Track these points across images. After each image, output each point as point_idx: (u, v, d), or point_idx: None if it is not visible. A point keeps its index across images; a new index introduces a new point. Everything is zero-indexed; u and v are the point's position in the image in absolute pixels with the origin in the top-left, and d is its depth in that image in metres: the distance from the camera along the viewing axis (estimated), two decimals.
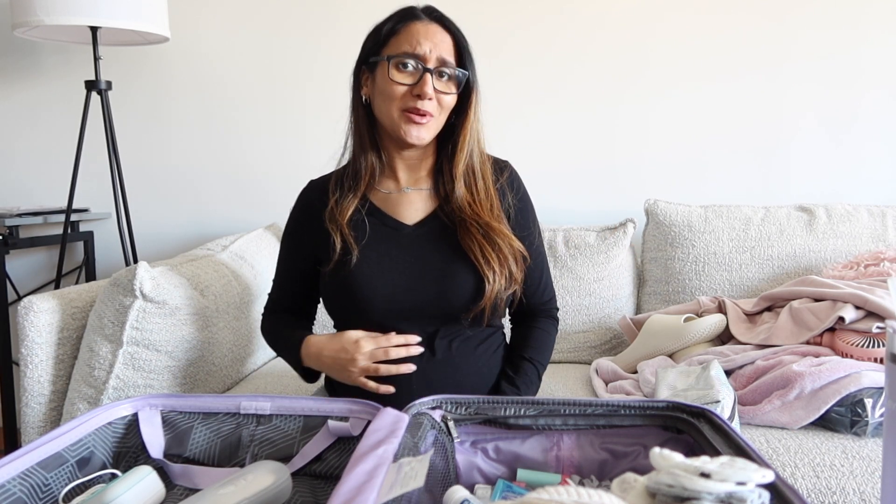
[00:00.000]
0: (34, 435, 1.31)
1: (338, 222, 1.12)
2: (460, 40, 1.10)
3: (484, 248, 1.09)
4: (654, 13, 1.95)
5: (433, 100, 1.07)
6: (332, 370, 1.09)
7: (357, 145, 1.15)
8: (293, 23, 2.04)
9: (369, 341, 1.07)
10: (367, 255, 1.11)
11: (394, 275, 1.10)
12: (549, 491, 0.46)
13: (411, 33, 1.07)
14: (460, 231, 1.11)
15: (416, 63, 1.06)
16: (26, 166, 2.16)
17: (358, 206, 1.14)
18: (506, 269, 1.10)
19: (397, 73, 1.06)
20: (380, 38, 1.10)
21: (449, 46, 1.08)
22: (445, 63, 1.07)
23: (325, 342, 1.10)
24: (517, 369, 1.16)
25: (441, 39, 1.07)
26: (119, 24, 1.69)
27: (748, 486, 0.47)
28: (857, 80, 1.94)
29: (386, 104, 1.08)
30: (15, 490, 0.64)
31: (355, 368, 1.06)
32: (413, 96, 1.06)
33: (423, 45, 1.06)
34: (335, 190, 1.16)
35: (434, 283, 1.10)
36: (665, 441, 0.72)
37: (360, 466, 0.57)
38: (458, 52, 1.10)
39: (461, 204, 1.12)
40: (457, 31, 1.10)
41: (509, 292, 1.13)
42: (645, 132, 2.00)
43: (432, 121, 1.09)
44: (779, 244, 1.71)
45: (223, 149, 2.11)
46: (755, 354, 1.29)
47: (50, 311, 1.31)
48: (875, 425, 1.10)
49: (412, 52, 1.06)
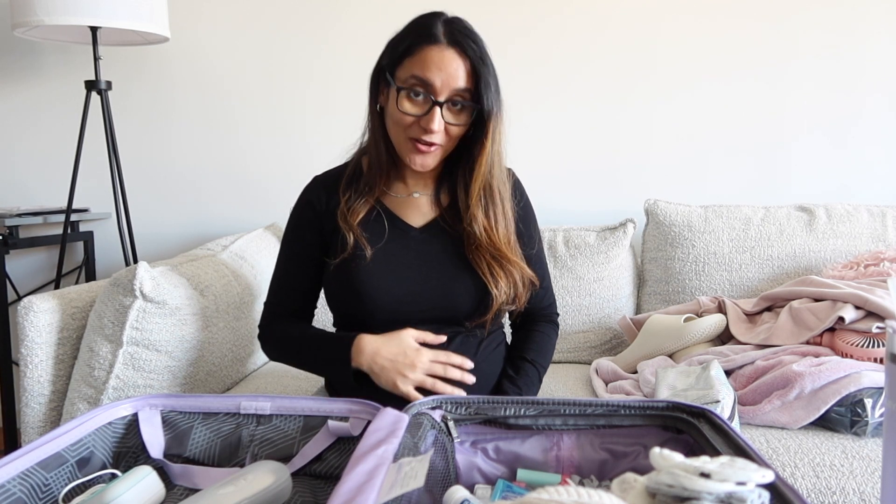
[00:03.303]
0: (34, 435, 1.31)
1: (349, 223, 1.11)
2: (478, 67, 1.03)
3: (493, 267, 1.09)
4: (655, 14, 1.95)
5: (439, 133, 1.04)
6: (386, 374, 1.03)
7: (373, 149, 1.13)
8: (293, 23, 2.04)
9: (429, 352, 1.04)
10: (376, 255, 1.10)
11: (400, 275, 1.10)
12: (549, 491, 0.46)
13: (425, 61, 1.02)
14: (470, 246, 1.10)
15: (425, 95, 1.02)
16: (26, 166, 2.16)
17: (370, 207, 1.14)
18: (511, 288, 1.10)
19: (407, 104, 1.03)
20: (396, 54, 1.06)
21: (465, 75, 1.02)
22: (458, 94, 1.03)
23: (382, 342, 1.05)
24: (518, 370, 1.16)
25: (456, 68, 1.02)
26: (119, 24, 1.69)
27: (748, 486, 0.47)
28: (857, 80, 1.94)
29: (394, 128, 1.07)
30: (15, 490, 0.64)
31: (412, 375, 1.02)
32: (420, 127, 1.04)
33: (436, 75, 1.01)
34: (346, 191, 1.15)
35: (439, 286, 1.10)
36: (665, 441, 0.72)
37: (360, 466, 0.57)
38: (475, 82, 1.03)
39: (479, 232, 1.09)
40: (475, 56, 1.03)
41: (512, 308, 1.15)
42: (645, 132, 2.00)
43: (439, 149, 1.07)
44: (779, 244, 1.71)
45: (223, 149, 2.11)
46: (755, 354, 1.29)
47: (50, 311, 1.30)
48: (875, 425, 1.10)
49: (423, 80, 1.02)
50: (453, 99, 1.03)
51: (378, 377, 1.04)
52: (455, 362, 1.05)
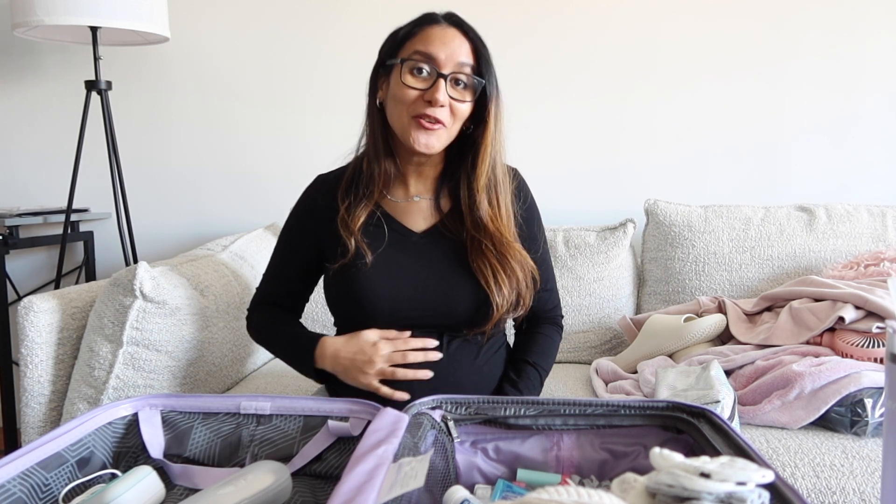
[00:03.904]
0: (34, 435, 1.31)
1: (350, 229, 1.10)
2: (479, 48, 1.05)
3: (497, 273, 1.07)
4: (655, 14, 1.95)
5: (445, 107, 1.03)
6: (348, 373, 1.06)
7: (371, 150, 1.12)
8: (294, 23, 2.04)
9: (387, 344, 1.05)
10: (377, 260, 1.10)
11: (400, 281, 1.09)
12: (549, 491, 0.46)
13: (428, 37, 1.03)
14: (472, 252, 1.09)
15: (430, 68, 1.03)
16: (26, 166, 2.16)
17: (370, 212, 1.13)
18: (514, 294, 1.08)
19: (410, 78, 1.03)
20: (397, 40, 1.07)
21: (467, 52, 1.04)
22: (461, 69, 1.04)
23: (341, 344, 1.07)
24: (520, 372, 1.15)
25: (459, 45, 1.03)
26: (119, 24, 1.69)
27: (748, 486, 0.47)
28: (857, 81, 1.94)
29: (397, 108, 1.05)
30: (15, 490, 0.64)
31: (371, 371, 1.03)
32: (425, 102, 1.03)
33: (440, 49, 1.02)
34: (346, 196, 1.14)
35: (439, 291, 1.09)
36: (665, 441, 0.72)
37: (360, 466, 0.57)
38: (477, 60, 1.05)
39: (483, 220, 1.09)
40: (476, 38, 1.06)
41: (515, 315, 1.14)
42: (645, 132, 2.00)
43: (443, 130, 1.05)
44: (779, 244, 1.71)
45: (223, 149, 2.11)
46: (755, 354, 1.29)
47: (50, 311, 1.31)
48: (875, 425, 1.10)
49: (427, 55, 1.02)
50: (457, 77, 1.04)
51: (342, 376, 1.07)
52: (414, 346, 1.05)
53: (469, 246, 1.10)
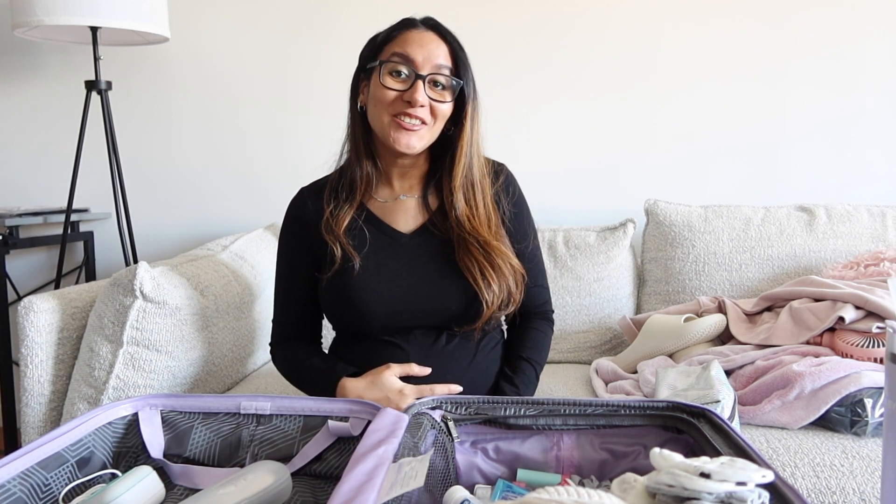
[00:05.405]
0: (34, 435, 1.31)
1: (335, 233, 1.11)
2: (457, 50, 1.09)
3: (484, 270, 1.08)
4: (655, 15, 1.95)
5: (425, 107, 1.06)
6: None
7: (353, 154, 1.15)
8: (294, 23, 2.04)
9: (413, 390, 1.04)
10: (366, 264, 1.10)
11: (392, 283, 1.10)
12: (549, 491, 0.46)
13: (406, 40, 1.06)
14: (459, 250, 1.10)
15: (408, 70, 1.05)
16: (26, 166, 2.16)
17: (354, 215, 1.13)
18: (504, 291, 1.09)
19: (390, 79, 1.06)
20: (376, 44, 1.10)
21: (445, 55, 1.07)
22: (440, 71, 1.06)
23: (363, 388, 1.05)
24: (515, 369, 1.16)
25: (436, 47, 1.06)
26: (119, 24, 1.69)
27: (748, 486, 0.47)
28: (857, 81, 1.94)
29: (377, 109, 1.07)
30: (15, 490, 0.64)
31: None
32: (404, 102, 1.05)
33: (417, 52, 1.05)
34: (330, 200, 1.14)
35: (430, 292, 1.10)
36: (665, 441, 0.72)
37: (360, 466, 0.57)
38: (455, 62, 1.08)
39: (461, 219, 1.11)
40: (453, 41, 1.09)
41: (507, 312, 1.14)
42: (645, 132, 2.00)
43: (424, 129, 1.07)
44: (779, 244, 1.70)
45: (223, 149, 2.11)
46: (755, 354, 1.29)
47: (50, 311, 1.30)
48: (875, 425, 1.10)
49: (405, 57, 1.05)
50: (435, 78, 1.06)
51: None
52: (440, 393, 1.04)
53: (456, 244, 1.11)
